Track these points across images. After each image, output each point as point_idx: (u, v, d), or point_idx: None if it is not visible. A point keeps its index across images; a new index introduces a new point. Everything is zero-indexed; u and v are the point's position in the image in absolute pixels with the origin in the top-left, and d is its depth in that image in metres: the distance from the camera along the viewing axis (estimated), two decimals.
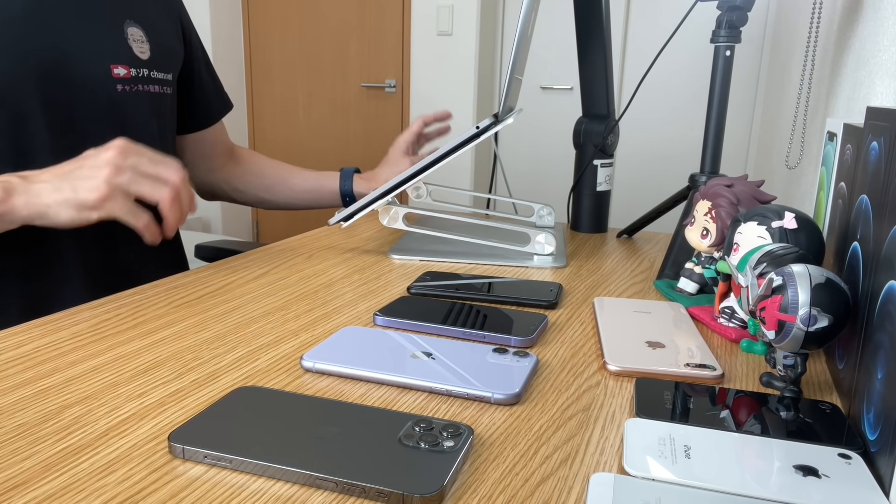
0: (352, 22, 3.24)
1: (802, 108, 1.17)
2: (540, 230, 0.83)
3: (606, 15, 0.96)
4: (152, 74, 0.87)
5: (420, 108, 3.17)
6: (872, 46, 0.76)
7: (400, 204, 0.83)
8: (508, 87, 0.77)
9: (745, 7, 0.78)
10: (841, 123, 0.58)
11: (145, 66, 0.85)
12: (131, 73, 0.83)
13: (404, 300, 0.64)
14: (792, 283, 0.43)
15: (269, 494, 0.34)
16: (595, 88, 0.99)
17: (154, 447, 0.38)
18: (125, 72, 0.82)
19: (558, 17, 2.96)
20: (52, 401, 0.43)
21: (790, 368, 0.46)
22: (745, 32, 1.22)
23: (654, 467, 0.36)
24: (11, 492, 0.34)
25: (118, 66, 0.82)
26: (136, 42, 0.84)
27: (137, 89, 0.84)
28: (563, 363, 0.52)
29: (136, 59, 0.84)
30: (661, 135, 2.95)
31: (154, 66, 0.87)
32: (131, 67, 0.83)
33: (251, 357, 0.51)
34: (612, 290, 0.73)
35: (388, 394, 0.46)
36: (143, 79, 0.85)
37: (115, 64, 0.81)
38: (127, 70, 0.83)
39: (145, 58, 0.85)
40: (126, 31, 0.83)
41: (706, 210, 0.66)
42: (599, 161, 0.99)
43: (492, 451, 0.39)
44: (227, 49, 3.38)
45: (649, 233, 1.04)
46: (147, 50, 0.86)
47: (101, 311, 0.60)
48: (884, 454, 0.36)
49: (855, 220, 0.48)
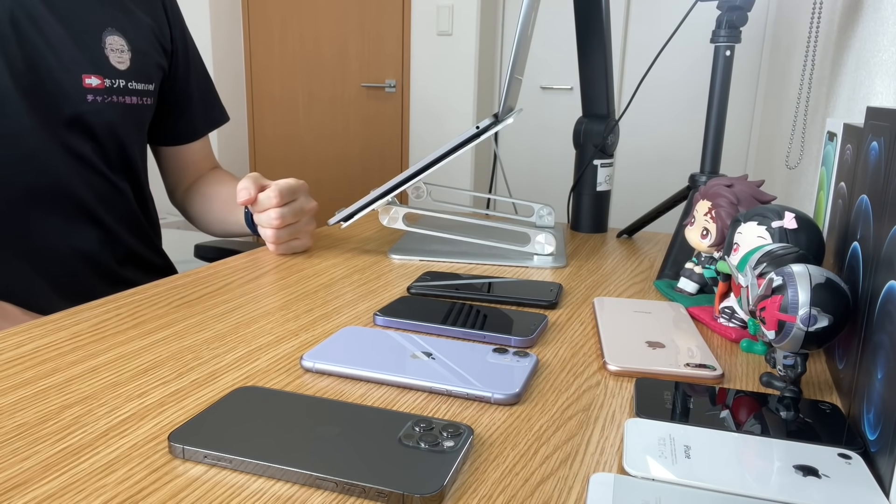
0: (352, 22, 3.24)
1: (802, 108, 1.17)
2: (540, 230, 0.83)
3: (606, 15, 0.96)
4: (130, 85, 0.85)
5: (420, 108, 3.17)
6: (872, 46, 0.76)
7: (400, 204, 0.83)
8: (508, 87, 0.77)
9: (745, 7, 0.78)
10: (841, 123, 0.58)
11: (122, 77, 0.84)
12: (105, 83, 0.82)
13: (404, 300, 0.64)
14: (792, 283, 0.43)
15: (269, 494, 0.34)
16: (595, 88, 0.99)
17: (154, 447, 0.38)
18: (98, 82, 0.81)
19: (558, 17, 2.96)
20: (52, 401, 0.43)
21: (790, 368, 0.46)
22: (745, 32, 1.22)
23: (654, 467, 0.36)
24: (11, 492, 0.34)
25: (91, 76, 0.80)
26: (115, 52, 0.83)
27: (112, 100, 0.83)
28: (563, 363, 0.52)
29: (112, 70, 0.83)
30: (661, 135, 2.95)
31: (133, 77, 0.86)
32: (106, 78, 0.82)
33: (251, 357, 0.51)
34: (612, 290, 0.73)
35: (388, 394, 0.46)
36: (119, 90, 0.84)
37: (88, 74, 0.80)
38: (101, 80, 0.81)
39: (123, 68, 0.84)
40: (105, 40, 0.82)
41: (706, 210, 0.66)
42: (599, 161, 0.99)
43: (492, 451, 0.39)
44: (227, 49, 3.38)
45: (649, 233, 1.04)
46: (127, 60, 0.84)
47: (100, 311, 0.60)
48: (884, 454, 0.36)
49: (855, 220, 0.48)
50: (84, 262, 0.84)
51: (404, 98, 3.22)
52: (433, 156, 0.79)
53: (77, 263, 0.84)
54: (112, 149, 0.85)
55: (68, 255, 0.83)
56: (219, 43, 3.31)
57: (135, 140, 0.89)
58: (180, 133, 1.01)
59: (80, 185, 0.82)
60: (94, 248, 0.85)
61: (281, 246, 0.82)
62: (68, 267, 0.83)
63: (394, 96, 3.24)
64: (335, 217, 0.84)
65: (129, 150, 0.88)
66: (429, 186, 1.03)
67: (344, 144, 3.42)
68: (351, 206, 0.83)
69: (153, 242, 0.97)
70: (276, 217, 0.78)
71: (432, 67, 3.09)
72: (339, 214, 0.84)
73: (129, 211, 0.90)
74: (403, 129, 3.26)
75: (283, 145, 3.54)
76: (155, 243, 0.98)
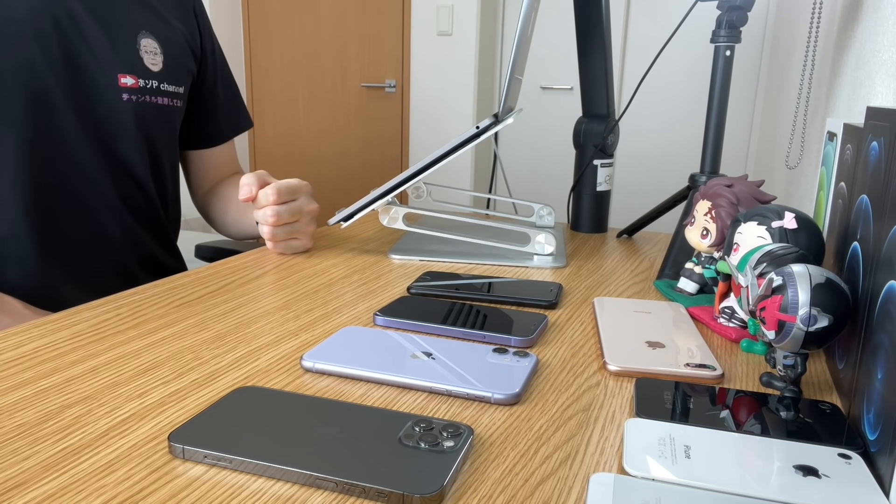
0: (352, 22, 3.24)
1: (802, 108, 1.17)
2: (540, 230, 0.83)
3: (606, 15, 0.96)
4: (162, 87, 0.87)
5: (420, 108, 3.17)
6: (872, 46, 0.76)
7: (400, 204, 0.83)
8: (508, 87, 0.77)
9: (745, 7, 0.78)
10: (841, 123, 0.58)
11: (155, 78, 0.86)
12: (139, 83, 0.84)
13: (404, 300, 0.64)
14: (792, 283, 0.43)
15: (269, 494, 0.34)
16: (595, 88, 0.99)
17: (154, 447, 0.38)
18: (133, 82, 0.83)
19: (558, 17, 2.96)
20: (52, 401, 0.43)
21: (790, 368, 0.46)
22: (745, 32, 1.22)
23: (654, 467, 0.36)
24: (11, 492, 0.34)
25: (126, 76, 0.82)
26: (149, 53, 0.85)
27: (145, 100, 0.85)
28: (563, 363, 0.52)
29: (145, 70, 0.85)
30: (661, 135, 2.95)
31: (165, 79, 0.88)
32: (140, 78, 0.84)
33: (251, 357, 0.51)
34: (612, 290, 0.73)
35: (388, 394, 0.46)
36: (152, 90, 0.86)
37: (123, 73, 0.82)
38: (135, 80, 0.83)
39: (156, 69, 0.86)
40: (139, 42, 0.84)
41: (706, 210, 0.66)
42: (599, 161, 0.99)
43: (492, 451, 0.39)
44: (228, 49, 3.38)
45: (649, 233, 1.04)
46: (160, 62, 0.86)
47: (100, 311, 0.60)
48: (884, 454, 0.36)
49: (855, 220, 0.48)
50: (104, 258, 0.85)
51: (404, 98, 3.22)
52: (433, 156, 0.79)
53: (98, 258, 0.85)
54: (142, 148, 0.87)
55: (92, 249, 0.84)
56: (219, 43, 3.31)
57: (164, 141, 0.91)
58: (206, 137, 1.02)
59: (107, 182, 0.84)
60: (115, 245, 0.86)
61: (278, 244, 0.82)
62: (91, 261, 0.84)
63: (394, 96, 3.24)
64: (335, 217, 0.84)
65: (158, 150, 0.90)
66: (429, 186, 1.03)
67: (344, 144, 3.42)
68: (351, 206, 0.83)
69: (172, 245, 0.98)
70: (271, 214, 0.79)
71: (432, 67, 3.09)
72: (339, 214, 0.84)
73: (153, 211, 0.92)
74: (403, 129, 3.27)
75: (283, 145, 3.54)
76: (174, 245, 0.99)
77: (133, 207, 0.88)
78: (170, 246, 0.97)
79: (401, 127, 3.27)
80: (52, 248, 0.80)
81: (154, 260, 0.93)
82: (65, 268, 0.81)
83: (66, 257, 0.81)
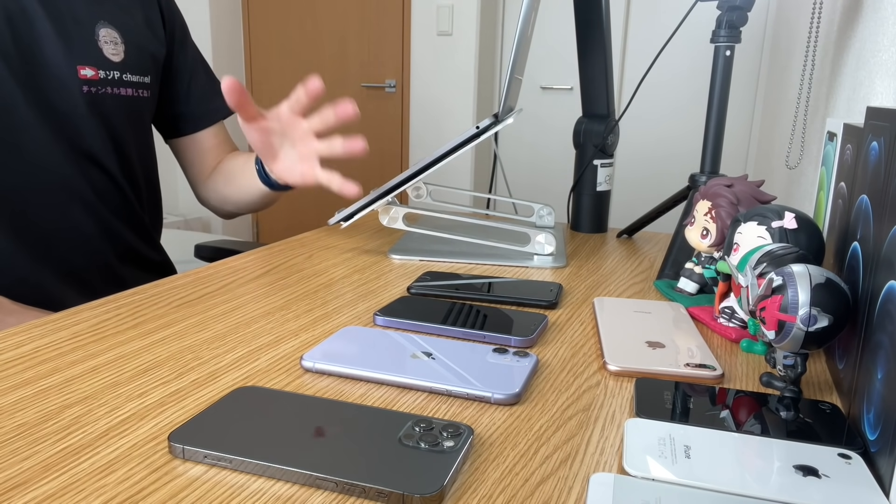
0: (352, 22, 3.24)
1: (802, 108, 1.17)
2: (540, 230, 0.83)
3: (606, 15, 0.96)
4: (125, 77, 0.86)
5: (420, 108, 3.17)
6: (872, 46, 0.76)
7: (400, 204, 0.83)
8: (508, 87, 0.77)
9: (745, 7, 0.78)
10: (841, 123, 0.58)
11: (116, 69, 0.85)
12: (100, 74, 0.83)
13: (404, 300, 0.64)
14: (792, 283, 0.43)
15: (269, 494, 0.34)
16: (595, 88, 0.99)
17: (154, 447, 0.38)
18: (93, 73, 0.82)
19: (558, 17, 2.96)
20: (52, 401, 0.43)
21: (790, 368, 0.46)
22: (745, 32, 1.22)
23: (654, 467, 0.36)
24: (11, 492, 0.34)
25: (85, 68, 0.81)
26: (109, 44, 0.84)
27: (106, 91, 0.84)
28: (563, 363, 0.52)
29: (106, 61, 0.84)
30: (661, 135, 2.95)
31: (127, 69, 0.86)
32: (100, 69, 0.83)
33: (251, 357, 0.51)
34: (612, 290, 0.73)
35: (388, 394, 0.46)
36: (114, 81, 0.85)
37: (83, 65, 0.81)
38: (95, 72, 0.82)
39: (117, 60, 0.85)
40: (98, 32, 0.83)
41: (706, 210, 0.66)
42: (599, 161, 0.99)
43: (492, 451, 0.39)
44: (227, 49, 3.38)
45: (649, 233, 1.04)
46: (121, 52, 0.85)
47: (101, 311, 0.60)
48: (884, 454, 0.36)
49: (855, 220, 0.48)
50: (82, 252, 0.85)
51: (404, 98, 3.22)
52: (433, 156, 0.79)
53: (76, 253, 0.85)
54: (108, 140, 0.86)
55: (69, 244, 0.84)
56: (219, 43, 3.31)
57: (132, 132, 0.90)
58: (185, 122, 1.01)
59: (77, 176, 0.83)
60: (91, 239, 0.86)
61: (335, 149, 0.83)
62: (69, 256, 0.84)
63: (394, 96, 3.24)
64: (335, 217, 0.84)
65: (125, 142, 0.89)
66: (429, 186, 1.03)
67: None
68: (351, 206, 0.83)
69: (151, 237, 0.97)
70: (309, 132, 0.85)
71: (432, 67, 3.09)
72: (339, 214, 0.84)
73: (126, 203, 0.91)
74: (403, 129, 3.26)
75: None
76: (153, 238, 0.98)
77: (107, 201, 0.87)
78: (149, 238, 0.96)
79: (401, 127, 3.27)
80: (28, 243, 0.80)
81: (133, 253, 0.92)
82: (44, 263, 0.81)
83: (44, 252, 0.81)
